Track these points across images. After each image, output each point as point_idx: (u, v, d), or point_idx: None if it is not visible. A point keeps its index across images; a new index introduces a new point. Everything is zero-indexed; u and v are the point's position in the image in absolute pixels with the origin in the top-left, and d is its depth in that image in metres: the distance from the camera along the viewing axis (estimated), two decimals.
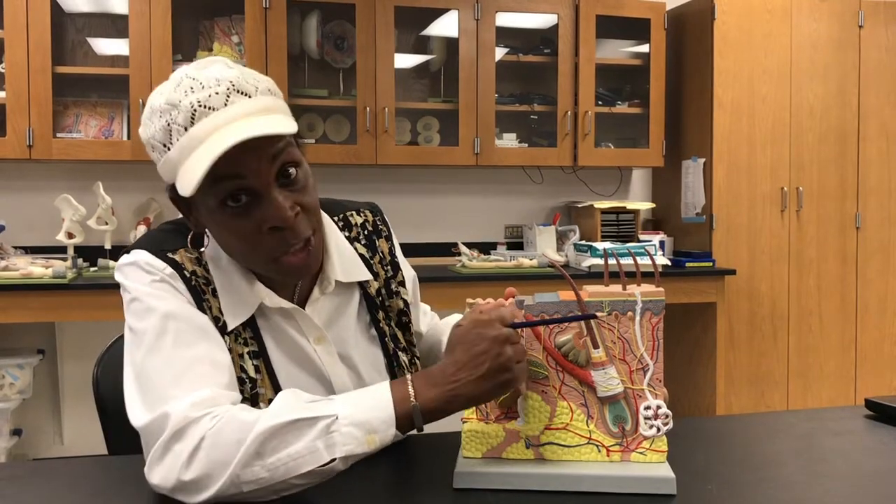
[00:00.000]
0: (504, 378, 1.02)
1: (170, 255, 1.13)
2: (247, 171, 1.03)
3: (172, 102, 1.04)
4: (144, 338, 1.06)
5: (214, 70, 1.06)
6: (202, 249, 1.16)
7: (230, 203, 1.04)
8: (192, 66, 1.08)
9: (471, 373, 1.02)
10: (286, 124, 1.05)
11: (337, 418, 0.97)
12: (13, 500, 1.02)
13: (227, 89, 1.04)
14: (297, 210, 1.07)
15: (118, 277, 1.13)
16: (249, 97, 1.05)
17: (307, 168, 1.12)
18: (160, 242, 1.14)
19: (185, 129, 1.03)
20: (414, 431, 1.03)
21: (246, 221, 1.05)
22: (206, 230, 1.14)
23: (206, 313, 1.11)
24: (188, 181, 1.00)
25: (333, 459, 0.96)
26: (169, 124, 1.04)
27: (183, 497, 0.97)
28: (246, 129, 1.01)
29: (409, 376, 1.04)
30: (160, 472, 0.98)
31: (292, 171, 1.08)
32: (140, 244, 1.15)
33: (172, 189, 1.09)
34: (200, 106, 1.03)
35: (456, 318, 1.40)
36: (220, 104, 1.03)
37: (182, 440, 0.97)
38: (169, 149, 1.04)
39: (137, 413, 1.03)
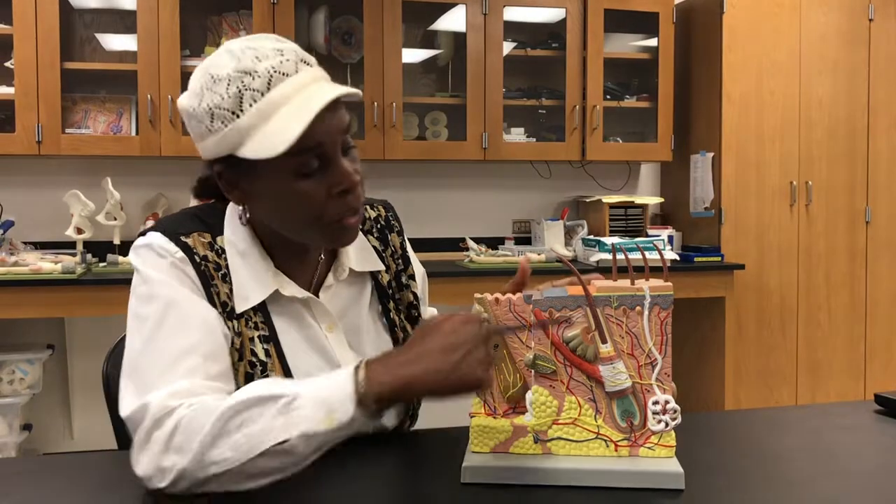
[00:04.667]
0: (470, 379, 0.96)
1: (183, 238, 1.14)
2: (324, 137, 1.07)
3: (245, 70, 1.05)
4: (145, 325, 1.08)
5: (270, 42, 1.10)
6: (218, 236, 1.17)
7: (303, 168, 1.07)
8: (240, 41, 1.10)
9: (436, 365, 0.96)
10: (354, 92, 1.09)
11: (298, 397, 0.96)
12: (23, 494, 1.03)
13: (294, 58, 1.08)
14: (359, 177, 1.12)
15: (131, 257, 1.15)
16: (311, 66, 1.10)
17: None
18: (175, 225, 1.16)
19: (262, 94, 1.05)
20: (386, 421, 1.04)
21: (315, 186, 1.08)
22: (247, 205, 1.15)
23: (213, 299, 1.13)
24: (276, 141, 1.03)
25: (288, 439, 0.95)
26: (241, 91, 1.05)
27: (158, 482, 0.98)
28: (329, 91, 1.05)
29: (366, 360, 0.99)
30: (143, 462, 0.99)
31: (351, 141, 1.13)
32: (156, 226, 1.17)
33: (223, 161, 1.10)
34: (276, 72, 1.05)
35: None
36: (292, 71, 1.07)
37: (160, 428, 0.99)
38: (239, 115, 1.05)
39: (124, 404, 1.05)
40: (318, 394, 0.97)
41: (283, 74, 1.06)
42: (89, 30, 3.74)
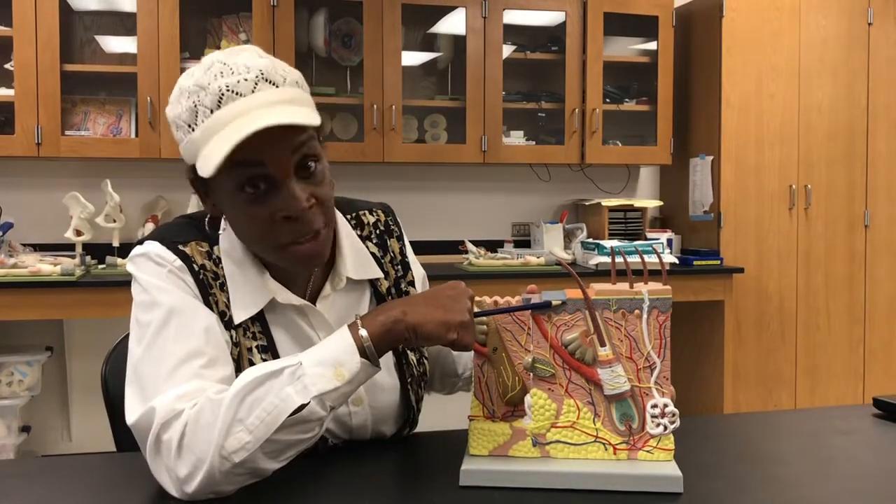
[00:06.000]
0: (454, 319, 1.04)
1: (181, 247, 1.14)
2: (268, 160, 1.04)
3: (201, 84, 1.05)
4: (147, 331, 1.08)
5: (245, 57, 1.07)
6: (214, 245, 1.17)
7: (248, 189, 1.06)
8: (223, 51, 1.09)
9: (424, 300, 1.07)
10: (309, 116, 1.06)
11: (301, 364, 1.00)
12: (22, 496, 1.03)
13: (256, 77, 1.05)
14: (312, 202, 1.08)
15: (129, 268, 1.15)
16: (276, 87, 1.06)
17: (326, 164, 1.13)
18: (173, 234, 1.16)
19: (211, 112, 1.04)
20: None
21: (261, 208, 1.07)
22: (223, 215, 1.15)
23: (212, 307, 1.12)
24: (208, 163, 1.02)
25: (306, 403, 0.98)
26: (195, 105, 1.04)
27: (187, 489, 0.97)
28: (269, 117, 1.02)
29: (358, 315, 1.08)
30: (160, 472, 1.00)
31: (312, 164, 1.09)
32: (153, 235, 1.16)
33: (192, 170, 1.10)
34: (228, 91, 1.04)
35: None
36: (247, 90, 1.04)
37: (169, 430, 0.99)
38: (193, 129, 1.05)
39: (129, 411, 1.04)
40: (319, 355, 1.02)
41: (236, 94, 1.04)
42: (89, 32, 3.74)
